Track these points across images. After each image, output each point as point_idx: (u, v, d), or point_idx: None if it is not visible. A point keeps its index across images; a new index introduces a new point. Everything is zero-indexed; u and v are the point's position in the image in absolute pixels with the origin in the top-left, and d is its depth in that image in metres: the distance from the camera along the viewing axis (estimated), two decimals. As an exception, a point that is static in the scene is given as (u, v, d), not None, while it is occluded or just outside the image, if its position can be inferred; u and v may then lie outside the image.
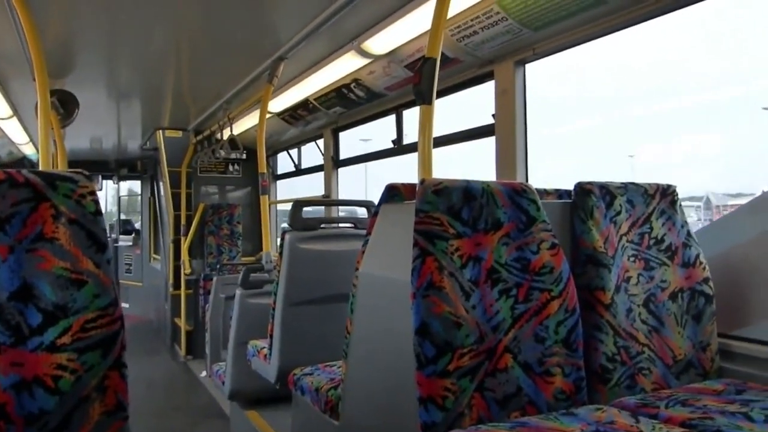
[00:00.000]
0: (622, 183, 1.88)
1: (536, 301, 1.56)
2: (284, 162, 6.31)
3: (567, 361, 1.58)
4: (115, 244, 9.49)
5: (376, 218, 1.74)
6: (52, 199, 1.24)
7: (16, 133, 5.84)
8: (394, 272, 1.55)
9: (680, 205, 1.95)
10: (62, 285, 1.20)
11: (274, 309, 2.69)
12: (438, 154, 2.12)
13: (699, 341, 1.85)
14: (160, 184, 7.10)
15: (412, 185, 1.77)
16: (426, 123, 1.72)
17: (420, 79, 1.73)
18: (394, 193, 1.76)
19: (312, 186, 5.56)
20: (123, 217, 10.31)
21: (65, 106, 3.94)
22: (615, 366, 1.68)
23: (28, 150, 7.10)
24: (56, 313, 1.18)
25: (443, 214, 1.49)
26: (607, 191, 1.82)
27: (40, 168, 2.44)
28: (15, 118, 5.19)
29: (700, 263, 1.91)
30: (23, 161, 7.91)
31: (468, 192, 1.54)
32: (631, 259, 1.81)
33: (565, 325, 1.58)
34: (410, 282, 1.43)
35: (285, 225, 3.30)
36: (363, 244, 1.78)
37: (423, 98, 1.73)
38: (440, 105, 3.40)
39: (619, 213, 1.82)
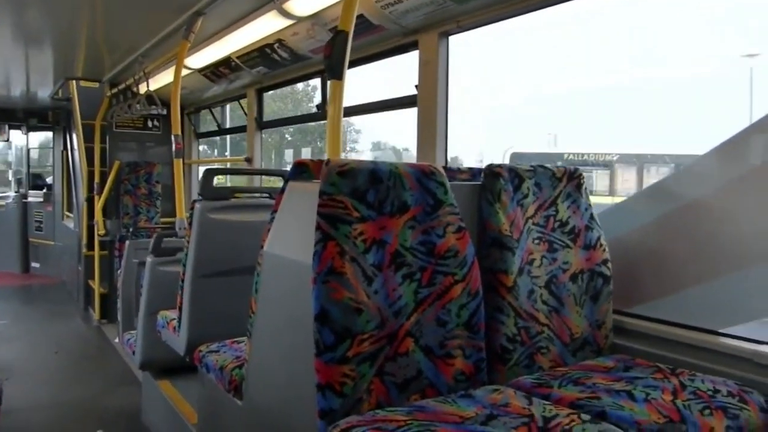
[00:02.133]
0: (532, 166, 1.89)
1: (440, 285, 1.56)
2: (210, 120, 6.09)
3: (468, 343, 1.59)
4: (24, 200, 8.96)
5: (282, 195, 1.69)
6: None
7: None
8: (297, 254, 1.50)
9: (585, 188, 1.99)
10: None
11: (183, 280, 2.60)
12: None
13: (595, 320, 1.91)
14: (74, 137, 6.70)
15: (321, 162, 1.71)
16: (336, 98, 1.66)
17: (331, 52, 1.65)
18: (302, 169, 1.71)
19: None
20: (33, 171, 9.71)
21: None
22: (515, 346, 1.72)
23: None
24: None
25: (347, 197, 1.45)
26: (516, 174, 1.83)
27: None
28: None
29: (601, 245, 1.96)
30: None
31: (374, 174, 1.50)
32: (536, 241, 1.84)
33: (467, 308, 1.59)
34: (312, 267, 1.40)
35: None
36: (269, 221, 1.72)
37: (333, 72, 1.66)
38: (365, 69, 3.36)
39: (526, 196, 1.84)
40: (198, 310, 2.56)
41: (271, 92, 4.54)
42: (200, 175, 6.22)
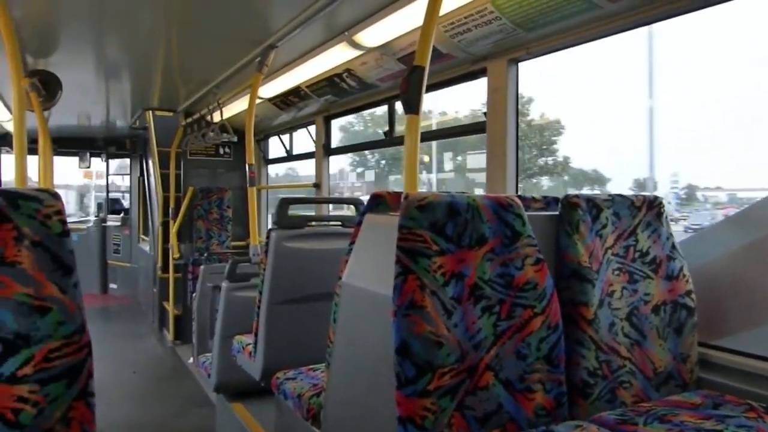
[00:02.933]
0: (610, 195, 1.86)
1: (519, 318, 1.55)
2: (277, 146, 6.27)
3: (548, 377, 1.57)
4: (104, 224, 9.42)
5: (360, 227, 1.72)
6: (15, 220, 1.17)
7: None
8: (377, 286, 1.53)
9: (666, 216, 1.93)
10: (24, 312, 1.14)
11: (259, 307, 2.67)
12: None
13: (679, 353, 1.85)
14: (150, 163, 7.02)
15: (397, 194, 1.74)
16: (412, 133, 1.69)
17: (407, 88, 1.68)
18: (378, 201, 1.74)
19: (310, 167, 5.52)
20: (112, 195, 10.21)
21: (47, 87, 3.83)
22: (596, 380, 1.68)
23: (11, 126, 6.97)
24: (17, 343, 1.13)
25: (426, 231, 1.46)
26: (594, 204, 1.80)
27: (15, 155, 2.38)
28: None
29: (683, 276, 1.90)
30: (6, 138, 7.79)
31: (452, 207, 1.52)
32: (616, 272, 1.80)
33: (547, 341, 1.57)
34: (392, 299, 1.41)
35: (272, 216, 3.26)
36: (346, 252, 1.76)
37: (410, 107, 1.69)
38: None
39: (605, 226, 1.81)
40: (273, 336, 2.62)
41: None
42: (268, 198, 6.40)
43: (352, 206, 3.01)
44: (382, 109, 4.12)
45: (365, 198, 2.93)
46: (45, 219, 1.20)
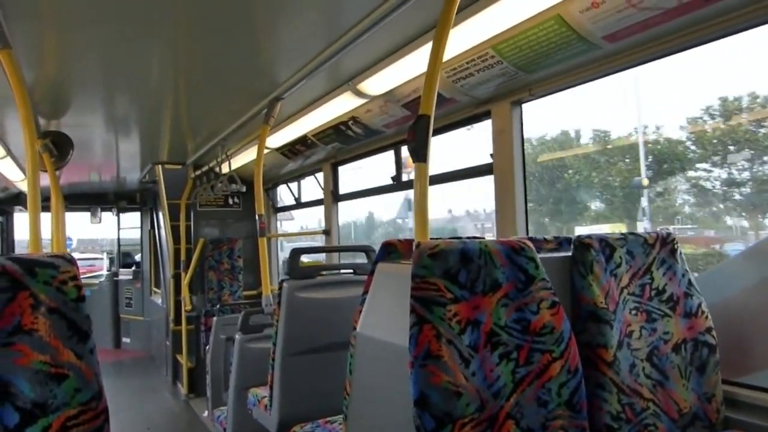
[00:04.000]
0: (622, 234, 1.85)
1: (538, 364, 1.52)
2: (285, 193, 6.32)
3: (571, 423, 1.54)
4: (116, 278, 9.44)
5: (372, 277, 1.71)
6: (31, 288, 1.18)
7: (10, 171, 5.83)
8: (392, 337, 1.51)
9: (680, 253, 1.92)
10: (41, 380, 1.14)
11: (273, 359, 2.65)
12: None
13: (704, 392, 1.80)
14: (160, 216, 7.08)
15: (408, 242, 1.74)
16: (421, 180, 1.69)
17: (414, 136, 1.70)
18: (390, 250, 1.73)
19: (314, 214, 5.55)
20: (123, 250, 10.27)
21: (59, 148, 3.88)
22: (620, 425, 1.64)
23: (24, 186, 7.09)
24: (35, 412, 1.13)
25: (440, 279, 1.45)
26: (607, 244, 1.79)
27: (29, 216, 2.40)
28: (8, 158, 5.19)
29: (702, 312, 1.87)
30: (19, 197, 7.90)
31: (465, 254, 1.51)
32: (633, 312, 1.78)
33: (567, 386, 1.54)
34: (408, 349, 1.40)
35: (284, 260, 3.25)
36: (360, 302, 1.75)
37: (417, 156, 1.70)
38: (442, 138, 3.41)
39: (619, 265, 1.79)
40: (289, 387, 2.59)
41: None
42: (279, 247, 6.41)
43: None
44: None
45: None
46: (61, 285, 1.21)
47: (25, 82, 2.37)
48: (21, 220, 8.85)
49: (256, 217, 3.79)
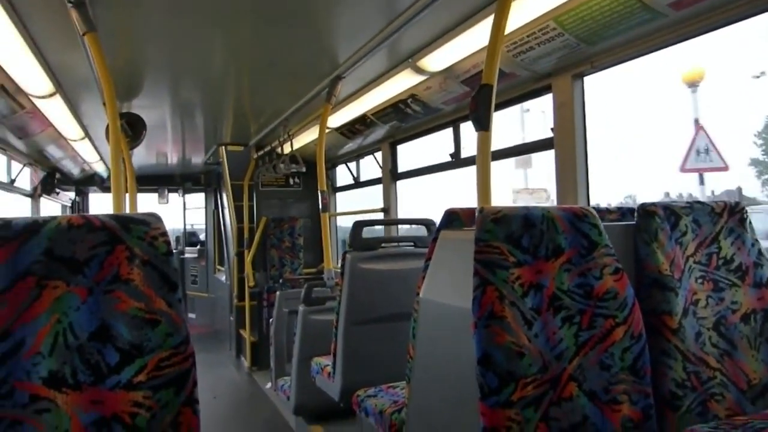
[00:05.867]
0: (687, 202, 1.83)
1: (600, 328, 1.54)
2: (343, 174, 6.42)
3: (634, 388, 1.55)
4: (181, 256, 9.81)
5: (435, 243, 1.76)
6: (127, 242, 1.30)
7: (87, 152, 6.14)
8: (455, 300, 1.56)
9: (750, 223, 1.88)
10: (137, 325, 1.26)
11: (336, 328, 2.74)
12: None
13: None
14: (224, 197, 7.32)
15: (471, 210, 1.77)
16: (483, 149, 1.73)
17: (476, 106, 1.73)
18: (453, 218, 1.78)
19: (370, 195, 5.64)
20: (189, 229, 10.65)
21: (133, 128, 4.09)
22: (685, 392, 1.64)
23: (99, 167, 7.45)
24: (132, 352, 1.25)
25: (503, 243, 1.49)
26: (672, 212, 1.78)
27: (112, 189, 2.57)
28: (86, 139, 5.47)
29: None
30: (93, 177, 8.30)
31: (527, 219, 1.54)
32: (699, 280, 1.76)
33: (631, 351, 1.56)
34: (471, 311, 1.44)
35: (345, 239, 3.36)
36: (423, 269, 1.80)
37: (480, 124, 1.73)
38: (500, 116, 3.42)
39: (684, 234, 1.78)
40: (351, 356, 2.68)
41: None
42: (336, 226, 6.53)
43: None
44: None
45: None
46: (152, 240, 1.32)
47: (106, 64, 2.52)
48: (95, 200, 9.30)
49: (319, 193, 3.89)
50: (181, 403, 1.27)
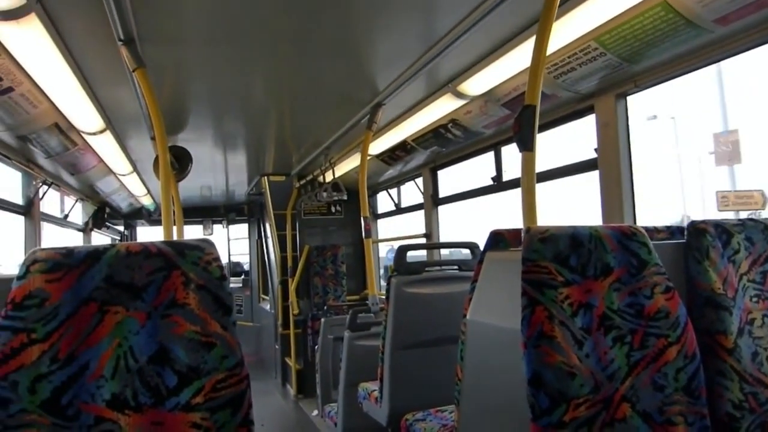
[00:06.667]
0: (739, 220, 1.78)
1: (653, 348, 1.50)
2: (383, 201, 6.46)
3: (689, 409, 1.50)
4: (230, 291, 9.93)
5: (481, 265, 1.76)
6: (182, 267, 1.34)
7: (135, 186, 6.34)
8: (503, 320, 1.55)
9: None
10: (194, 348, 1.29)
11: (383, 353, 2.74)
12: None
13: None
14: (267, 226, 7.43)
15: (516, 230, 1.77)
16: (528, 170, 1.73)
17: (520, 127, 1.74)
18: (498, 239, 1.77)
19: (410, 221, 5.66)
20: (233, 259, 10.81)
21: (180, 161, 4.21)
22: (743, 414, 1.58)
23: (146, 201, 7.68)
24: (190, 375, 1.28)
25: (551, 262, 1.48)
26: (723, 230, 1.73)
27: (162, 220, 2.65)
28: (134, 173, 5.65)
29: None
30: (141, 211, 8.54)
31: (575, 238, 1.52)
32: (754, 299, 1.71)
33: (685, 371, 1.51)
34: (520, 331, 1.43)
35: (389, 264, 3.36)
36: (470, 291, 1.79)
37: (524, 145, 1.74)
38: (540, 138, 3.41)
39: (737, 251, 1.73)
40: (398, 380, 2.67)
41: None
42: (378, 252, 6.56)
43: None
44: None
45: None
46: (206, 265, 1.36)
47: (155, 98, 2.62)
48: (143, 233, 9.56)
49: (362, 220, 3.93)
50: (238, 424, 1.30)
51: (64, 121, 3.51)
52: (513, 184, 3.83)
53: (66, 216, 6.05)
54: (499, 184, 4.00)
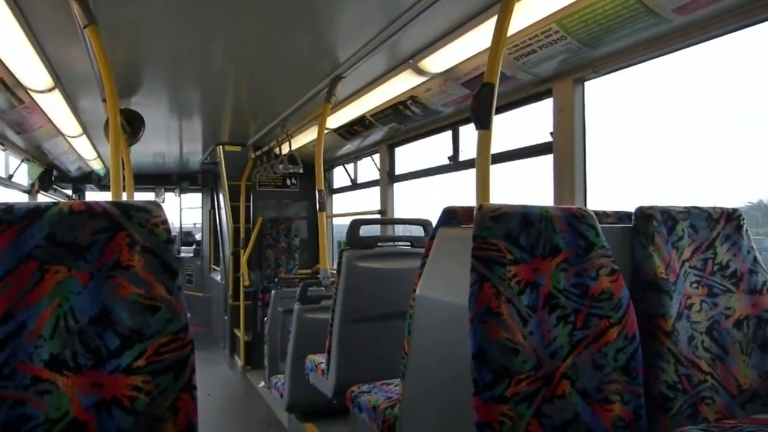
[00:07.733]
0: (685, 207, 1.83)
1: (595, 328, 1.54)
2: (340, 176, 6.43)
3: (626, 388, 1.55)
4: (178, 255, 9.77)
5: (433, 241, 1.76)
6: (128, 229, 1.30)
7: (85, 149, 6.12)
8: (452, 296, 1.56)
9: (746, 230, 1.88)
10: (137, 310, 1.26)
11: (332, 325, 2.73)
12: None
13: (766, 371, 1.78)
14: (220, 197, 7.31)
15: (469, 208, 1.78)
16: (484, 148, 1.73)
17: (478, 105, 1.73)
18: (451, 216, 1.78)
19: (366, 197, 5.65)
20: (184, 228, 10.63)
21: (132, 125, 4.07)
22: (676, 394, 1.64)
23: (96, 165, 7.44)
24: (132, 337, 1.25)
25: (501, 240, 1.49)
26: (669, 216, 1.78)
27: (111, 185, 2.57)
28: (84, 136, 5.45)
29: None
30: (91, 175, 8.28)
31: (526, 217, 1.54)
32: (694, 285, 1.76)
33: (624, 352, 1.56)
34: (468, 307, 1.44)
35: (342, 240, 3.37)
36: (420, 266, 1.79)
37: (481, 123, 1.74)
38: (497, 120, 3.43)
39: (681, 238, 1.78)
40: (346, 354, 2.67)
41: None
42: (333, 227, 6.54)
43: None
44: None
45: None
46: (153, 227, 1.32)
47: (107, 57, 2.51)
48: (92, 198, 9.26)
49: (316, 193, 3.89)
50: (180, 388, 1.28)
51: (11, 78, 3.34)
52: (469, 164, 3.85)
53: (11, 177, 5.82)
54: (456, 164, 4.01)
